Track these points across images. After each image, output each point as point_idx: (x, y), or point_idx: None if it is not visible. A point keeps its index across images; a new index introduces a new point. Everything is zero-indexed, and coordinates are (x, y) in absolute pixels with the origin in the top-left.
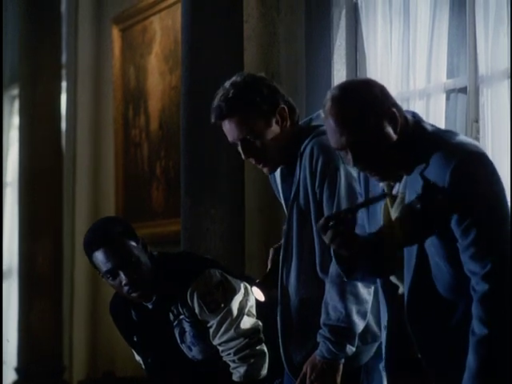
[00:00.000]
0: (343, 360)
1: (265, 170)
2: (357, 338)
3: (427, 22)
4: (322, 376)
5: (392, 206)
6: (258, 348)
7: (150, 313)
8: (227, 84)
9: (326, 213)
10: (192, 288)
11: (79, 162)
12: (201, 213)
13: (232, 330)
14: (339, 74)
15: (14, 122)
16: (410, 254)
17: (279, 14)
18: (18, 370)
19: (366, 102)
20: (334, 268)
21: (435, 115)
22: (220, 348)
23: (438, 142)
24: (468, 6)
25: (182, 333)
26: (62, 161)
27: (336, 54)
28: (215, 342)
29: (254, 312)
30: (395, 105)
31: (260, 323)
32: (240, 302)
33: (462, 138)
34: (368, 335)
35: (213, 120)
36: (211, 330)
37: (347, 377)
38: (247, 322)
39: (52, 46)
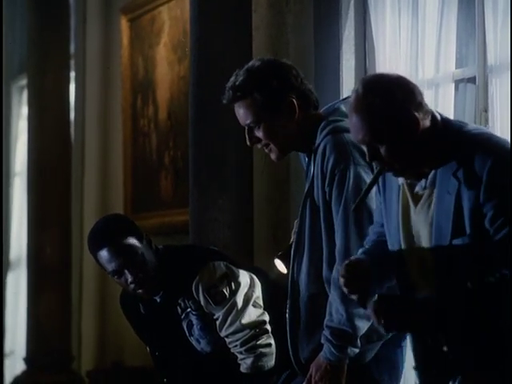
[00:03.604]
0: (347, 361)
1: (271, 155)
2: (359, 340)
3: (436, 11)
4: (325, 377)
5: (416, 204)
6: (264, 339)
7: (157, 307)
8: (243, 69)
9: (334, 212)
10: (197, 281)
11: (88, 151)
12: (209, 203)
13: (238, 322)
14: (348, 64)
15: (22, 112)
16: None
17: (288, 4)
18: (26, 360)
19: (389, 99)
20: (336, 271)
21: (444, 105)
22: (227, 340)
23: (467, 139)
24: None
25: (190, 326)
26: (70, 151)
27: (345, 44)
28: (222, 334)
29: (261, 303)
30: (420, 104)
31: (266, 314)
32: (246, 294)
33: (489, 133)
34: (374, 334)
35: (223, 101)
36: (218, 322)
37: (353, 374)
38: (253, 314)
39: (60, 35)
